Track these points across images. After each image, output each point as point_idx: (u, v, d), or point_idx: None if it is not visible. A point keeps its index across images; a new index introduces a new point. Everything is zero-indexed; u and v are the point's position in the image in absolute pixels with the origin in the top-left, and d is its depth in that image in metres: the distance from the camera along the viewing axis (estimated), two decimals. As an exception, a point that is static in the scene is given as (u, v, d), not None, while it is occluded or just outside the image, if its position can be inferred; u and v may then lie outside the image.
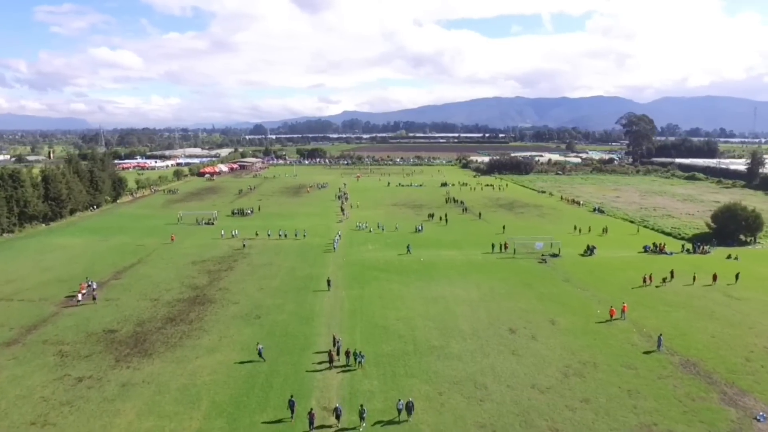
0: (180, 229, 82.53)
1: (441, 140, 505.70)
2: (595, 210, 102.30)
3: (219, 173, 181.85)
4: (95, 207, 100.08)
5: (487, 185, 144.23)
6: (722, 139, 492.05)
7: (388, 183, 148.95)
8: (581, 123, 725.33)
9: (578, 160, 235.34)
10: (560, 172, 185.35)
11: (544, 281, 55.04)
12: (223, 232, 75.92)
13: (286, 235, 75.01)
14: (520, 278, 55.74)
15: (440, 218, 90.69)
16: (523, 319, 43.94)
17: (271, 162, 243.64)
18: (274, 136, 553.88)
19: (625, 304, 45.70)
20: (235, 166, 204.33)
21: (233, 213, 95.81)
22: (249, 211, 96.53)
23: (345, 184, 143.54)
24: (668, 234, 79.43)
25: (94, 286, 49.29)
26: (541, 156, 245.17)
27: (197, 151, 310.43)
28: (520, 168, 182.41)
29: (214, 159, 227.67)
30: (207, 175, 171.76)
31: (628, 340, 39.89)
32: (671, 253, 67.54)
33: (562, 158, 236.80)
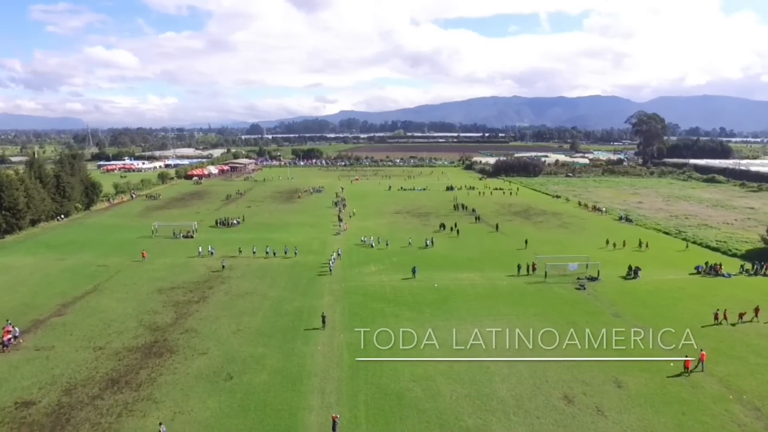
0: (154, 243, 71.81)
1: (440, 140, 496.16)
2: (621, 219, 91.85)
3: (208, 176, 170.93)
4: (62, 216, 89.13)
5: (496, 189, 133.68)
6: (724, 139, 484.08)
7: (389, 186, 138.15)
8: (579, 122, 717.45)
9: (586, 161, 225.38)
10: (570, 174, 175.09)
11: (591, 317, 44.48)
12: (200, 249, 65.04)
13: (274, 253, 64.25)
14: (559, 313, 45.15)
15: (450, 229, 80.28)
16: (578, 378, 33.41)
17: (264, 163, 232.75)
18: (270, 136, 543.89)
19: (703, 352, 35.33)
20: (225, 167, 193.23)
21: (217, 223, 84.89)
22: (235, 222, 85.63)
23: (342, 189, 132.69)
24: (715, 249, 69.01)
25: (16, 332, 38.41)
26: (547, 156, 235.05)
27: (189, 151, 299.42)
28: (529, 170, 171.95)
29: (203, 161, 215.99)
30: (195, 178, 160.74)
31: (729, 414, 29.42)
32: (729, 275, 57.07)
33: (569, 159, 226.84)
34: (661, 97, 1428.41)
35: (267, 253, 64.21)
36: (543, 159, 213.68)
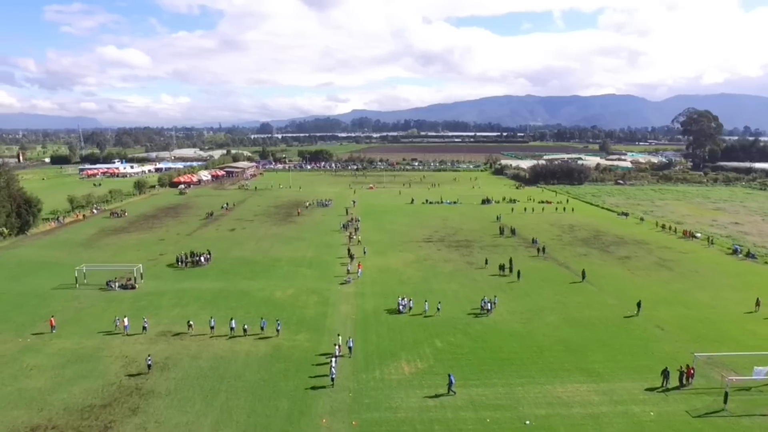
0: (73, 300, 48.08)
1: (456, 140, 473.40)
2: (736, 252, 66.46)
3: (198, 183, 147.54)
4: (-24, 247, 65.97)
5: (542, 202, 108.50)
6: (751, 138, 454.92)
7: (412, 199, 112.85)
8: (593, 121, 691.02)
9: (628, 164, 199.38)
10: (621, 182, 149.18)
11: None
12: (126, 322, 40.68)
13: (244, 330, 39.89)
14: None
15: (509, 269, 55.93)
16: None
17: (267, 166, 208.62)
18: (280, 135, 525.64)
19: None
20: (220, 172, 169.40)
21: (178, 261, 60.68)
22: (202, 259, 61.35)
23: (354, 202, 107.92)
24: None
25: None
26: (581, 159, 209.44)
27: (189, 152, 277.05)
28: (573, 176, 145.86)
29: (194, 164, 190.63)
30: (181, 186, 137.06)
31: None
32: None
33: (609, 162, 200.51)
34: (677, 95, 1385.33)
35: (232, 329, 39.97)
36: (580, 162, 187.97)
